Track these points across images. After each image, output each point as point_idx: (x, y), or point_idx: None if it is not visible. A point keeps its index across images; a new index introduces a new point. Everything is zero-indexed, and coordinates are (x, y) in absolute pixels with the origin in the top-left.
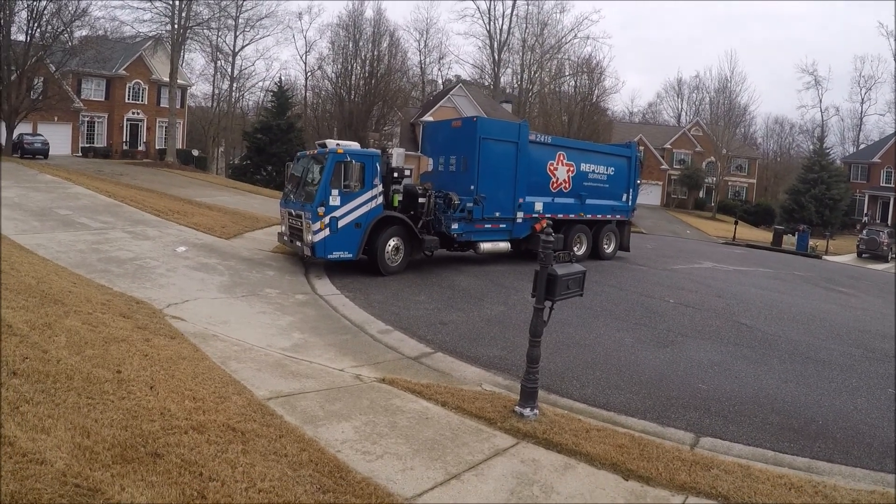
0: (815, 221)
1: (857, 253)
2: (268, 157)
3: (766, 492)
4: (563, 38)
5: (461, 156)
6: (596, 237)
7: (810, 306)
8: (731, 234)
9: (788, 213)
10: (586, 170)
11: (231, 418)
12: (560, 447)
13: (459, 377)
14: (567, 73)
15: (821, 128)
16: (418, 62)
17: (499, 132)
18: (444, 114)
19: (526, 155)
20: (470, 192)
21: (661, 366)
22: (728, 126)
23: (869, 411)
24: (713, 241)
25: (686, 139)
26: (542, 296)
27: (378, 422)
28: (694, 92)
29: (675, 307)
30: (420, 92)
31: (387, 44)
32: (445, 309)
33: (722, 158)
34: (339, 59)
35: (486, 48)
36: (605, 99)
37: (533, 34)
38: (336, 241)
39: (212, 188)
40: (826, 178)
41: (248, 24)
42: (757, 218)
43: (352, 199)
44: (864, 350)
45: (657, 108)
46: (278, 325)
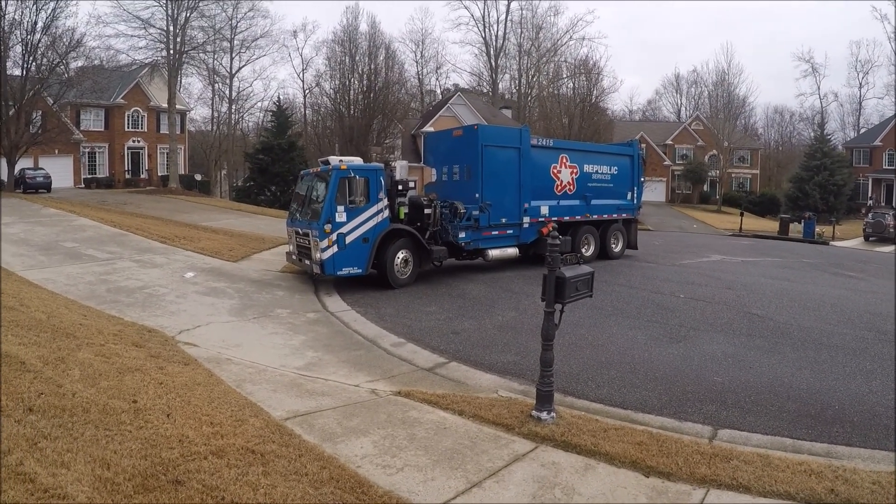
0: (820, 208)
1: (864, 237)
2: (271, 177)
3: (786, 480)
4: (558, 40)
5: (464, 164)
6: (603, 237)
7: (820, 293)
8: (738, 226)
9: (793, 201)
10: (590, 171)
11: (250, 441)
12: (579, 448)
13: (475, 385)
14: (565, 76)
15: (821, 114)
16: (416, 73)
17: (500, 139)
18: (444, 123)
19: (528, 160)
20: (475, 200)
21: (676, 361)
22: (728, 118)
23: (884, 393)
24: (720, 234)
25: (687, 134)
26: (551, 299)
27: (396, 435)
28: (692, 87)
29: (685, 302)
30: (419, 103)
31: (383, 57)
32: (457, 318)
33: (724, 151)
34: (337, 75)
35: (482, 55)
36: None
37: (528, 38)
38: (345, 258)
39: (216, 211)
40: (829, 164)
41: (243, 45)
42: (762, 208)
43: (358, 214)
44: (876, 333)
45: (656, 105)
46: (291, 344)
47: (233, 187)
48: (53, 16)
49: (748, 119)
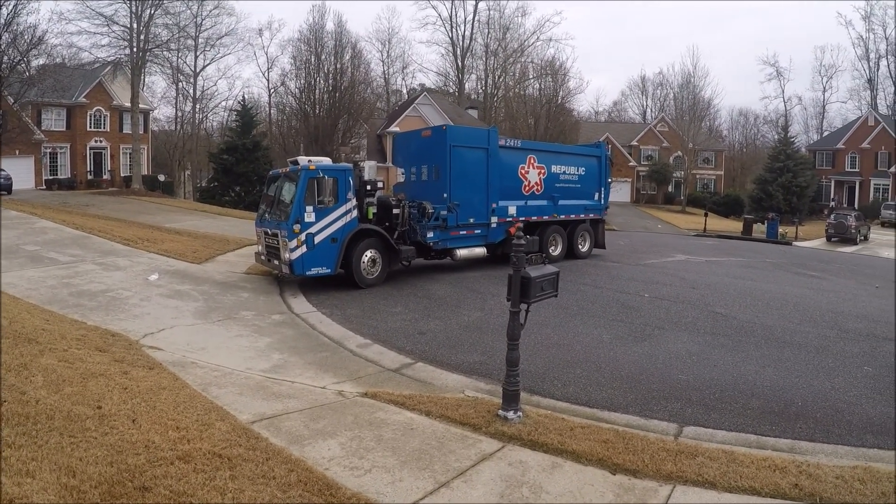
0: (783, 209)
1: (827, 237)
2: (235, 177)
3: (751, 475)
4: (525, 41)
5: (433, 165)
6: (571, 237)
7: (783, 292)
8: (702, 226)
9: (757, 202)
10: (557, 171)
11: (216, 445)
12: (546, 447)
13: (441, 385)
14: (531, 76)
15: (784, 117)
16: (382, 73)
17: (469, 139)
18: (409, 123)
19: (497, 160)
20: (443, 200)
21: (641, 360)
22: (693, 120)
23: (846, 390)
24: (684, 234)
25: (652, 135)
26: (516, 299)
27: (364, 436)
28: (658, 88)
29: (650, 301)
30: (385, 103)
31: (349, 56)
32: (423, 318)
33: (689, 152)
34: (302, 74)
35: (449, 55)
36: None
37: (495, 39)
38: (313, 258)
39: (180, 213)
40: (792, 166)
41: (207, 43)
42: (726, 209)
43: (326, 214)
44: (838, 331)
45: (622, 107)
46: (257, 347)
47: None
48: (14, 12)
49: (713, 121)
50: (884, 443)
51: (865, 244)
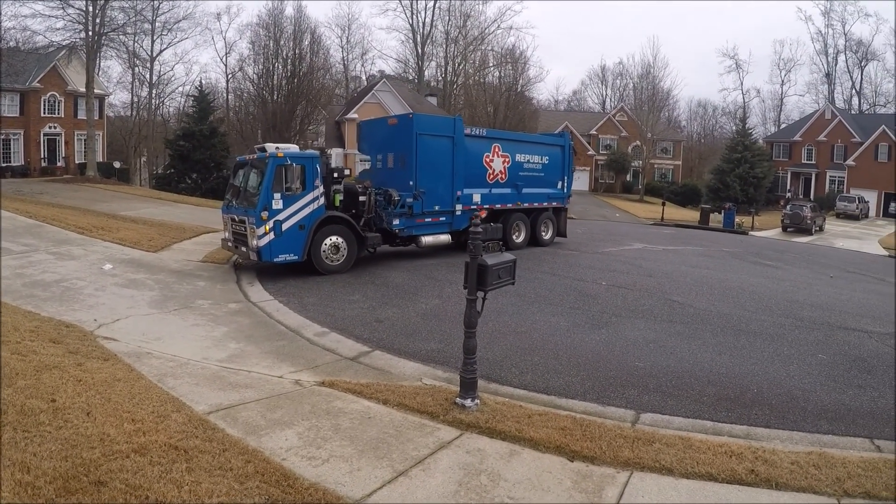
0: (740, 199)
1: (782, 227)
2: (192, 164)
3: (707, 461)
4: (486, 29)
5: (399, 152)
6: (534, 225)
7: (739, 280)
8: (660, 215)
9: (714, 192)
10: (521, 160)
11: (172, 437)
12: (504, 435)
13: (399, 374)
14: (491, 64)
15: (743, 109)
16: (341, 59)
17: (435, 127)
18: (368, 110)
19: (462, 148)
20: (409, 187)
21: (598, 347)
22: (652, 110)
23: (801, 377)
24: (642, 223)
25: (611, 125)
26: (473, 286)
27: (321, 426)
28: (618, 79)
29: (608, 289)
30: (344, 89)
31: (308, 41)
32: (380, 306)
33: (647, 142)
34: (261, 60)
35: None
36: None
37: (456, 26)
38: (281, 244)
39: (136, 200)
40: (749, 157)
41: (165, 27)
42: (684, 198)
43: (294, 201)
44: (793, 319)
45: (582, 96)
46: (213, 336)
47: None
48: None
49: (672, 112)
50: (838, 429)
51: (820, 234)
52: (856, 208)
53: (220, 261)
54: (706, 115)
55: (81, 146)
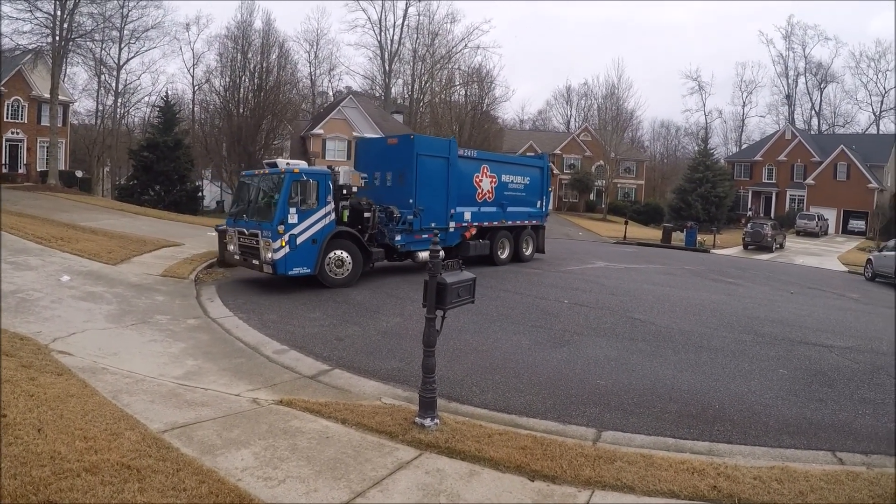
0: (702, 218)
1: (743, 245)
2: (155, 175)
3: (669, 478)
4: (453, 47)
5: (398, 171)
6: (517, 241)
7: (701, 298)
8: (622, 234)
9: (676, 211)
10: (507, 180)
11: (125, 456)
12: (464, 454)
13: (358, 393)
14: (458, 83)
15: (705, 130)
16: (309, 74)
17: (432, 148)
18: (334, 126)
19: (456, 168)
20: (409, 205)
21: (560, 365)
22: (616, 130)
23: (763, 392)
24: (605, 242)
25: (575, 144)
26: (432, 305)
27: (278, 445)
28: (582, 99)
29: (570, 307)
30: (311, 104)
31: (276, 55)
32: (341, 324)
33: (610, 162)
34: (228, 72)
35: (377, 59)
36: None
37: (424, 44)
38: (295, 258)
39: (97, 211)
40: (711, 176)
41: (133, 35)
42: (646, 217)
43: (308, 216)
44: (753, 335)
45: (547, 115)
46: (170, 352)
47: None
48: None
49: (635, 132)
50: (800, 443)
51: (781, 252)
52: (815, 226)
53: (180, 275)
54: (669, 135)
55: (44, 153)
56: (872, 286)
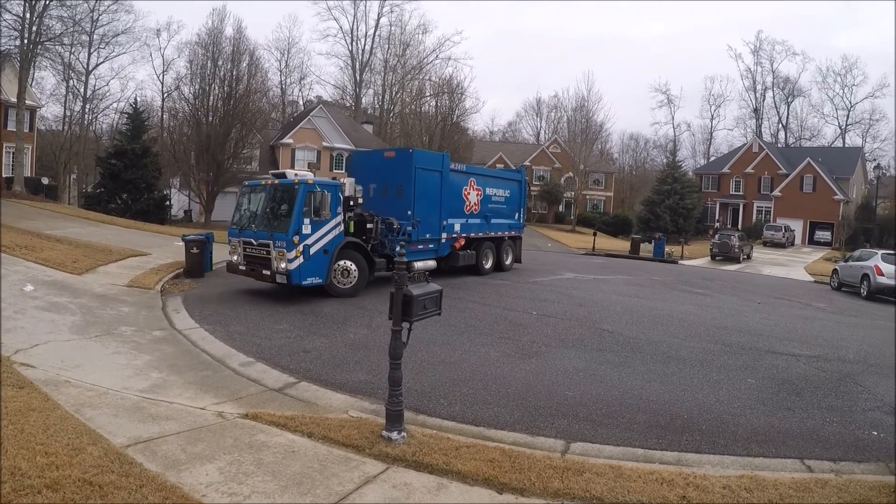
0: (670, 229)
1: (711, 256)
2: (122, 184)
3: (638, 489)
4: (424, 58)
5: (396, 183)
6: (498, 251)
7: (669, 308)
8: (591, 245)
9: (645, 222)
10: (490, 193)
11: (87, 471)
12: (431, 468)
13: (325, 405)
14: (428, 94)
15: (673, 142)
16: (279, 83)
17: (428, 162)
18: (304, 135)
19: (448, 182)
20: (407, 216)
21: (528, 377)
22: (585, 143)
23: (731, 402)
24: (574, 253)
25: (545, 156)
26: (398, 317)
27: (243, 460)
28: (552, 111)
29: (538, 318)
30: (280, 113)
31: (246, 63)
32: (308, 336)
33: (579, 174)
34: (198, 80)
35: (348, 69)
36: (466, 118)
37: (395, 55)
38: (309, 268)
39: (63, 219)
40: (679, 188)
41: (103, 40)
42: (615, 228)
43: (320, 227)
44: (721, 345)
45: (517, 127)
46: (135, 365)
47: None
48: None
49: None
50: (768, 451)
51: (748, 262)
52: (782, 237)
53: (146, 286)
54: (638, 147)
55: (9, 159)
56: (838, 295)
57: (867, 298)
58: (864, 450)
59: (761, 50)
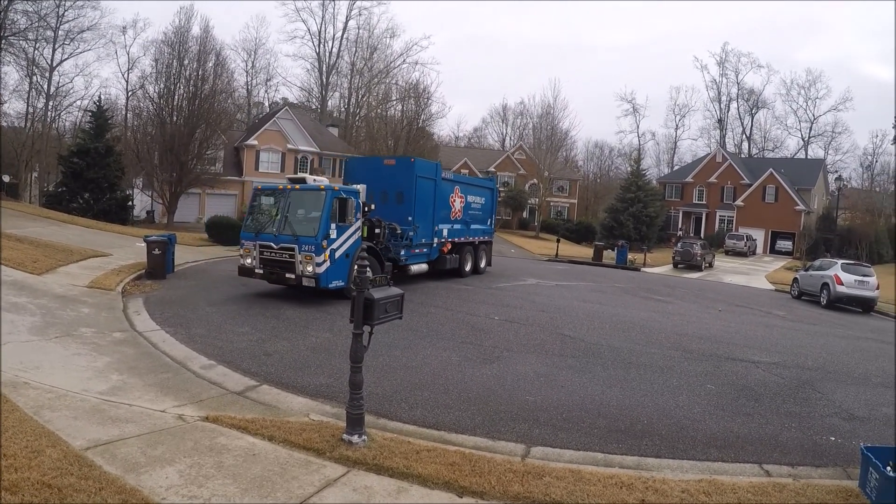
0: (633, 237)
1: (673, 264)
2: (84, 183)
3: (598, 493)
4: (392, 62)
5: (397, 190)
6: (475, 255)
7: (630, 315)
8: (555, 252)
9: (608, 230)
10: (471, 200)
11: (46, 474)
12: (392, 471)
13: (286, 409)
14: (394, 98)
15: (638, 151)
16: (245, 84)
17: (426, 171)
18: (268, 137)
19: (440, 189)
20: (408, 222)
21: (489, 381)
22: (550, 150)
23: (690, 407)
24: (537, 259)
25: (510, 162)
26: (359, 321)
27: (204, 463)
28: (518, 118)
29: (500, 324)
30: (246, 115)
31: (213, 63)
32: (270, 339)
33: (544, 180)
34: (163, 78)
35: (314, 71)
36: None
37: (362, 58)
38: (334, 272)
39: (23, 218)
40: (643, 196)
41: (68, 36)
42: (579, 235)
43: (343, 231)
44: (682, 352)
45: (483, 133)
46: (95, 367)
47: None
48: None
49: (569, 151)
50: (727, 456)
51: (710, 271)
52: (744, 246)
53: (106, 287)
54: (602, 155)
55: None
56: (798, 304)
57: (827, 307)
58: (821, 455)
59: (727, 61)
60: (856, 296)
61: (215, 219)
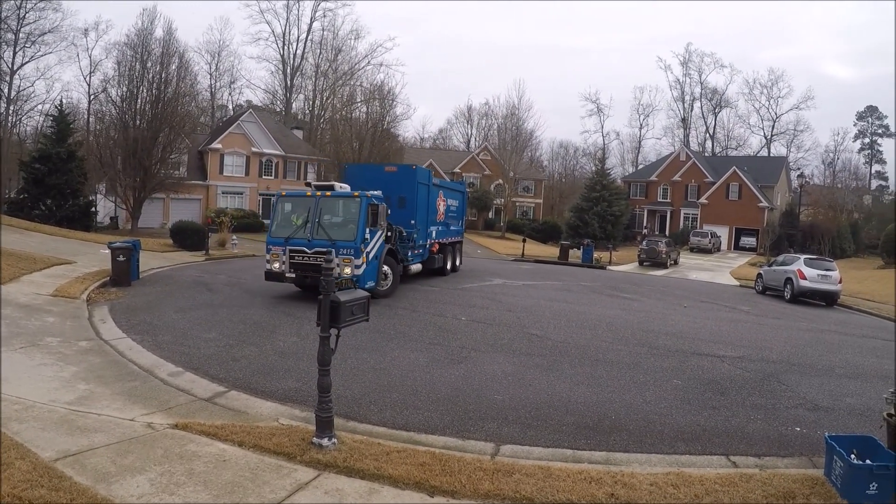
0: (598, 235)
1: (639, 262)
2: (47, 189)
3: (567, 488)
4: (356, 64)
5: (399, 196)
6: (453, 254)
7: (596, 313)
8: (521, 252)
9: (574, 229)
10: (450, 204)
11: (16, 487)
12: (362, 473)
13: (255, 414)
14: (359, 100)
15: (602, 150)
16: (209, 86)
17: (423, 177)
18: (233, 140)
19: (432, 194)
20: (412, 226)
21: (457, 382)
22: (515, 150)
23: (657, 402)
24: (503, 259)
25: (475, 163)
26: (326, 323)
27: (174, 470)
28: (483, 118)
29: (467, 324)
30: (210, 117)
31: (176, 66)
32: (238, 345)
33: (509, 181)
34: (125, 82)
35: (279, 73)
36: (397, 125)
37: (327, 60)
38: (368, 274)
39: None
40: (608, 195)
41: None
42: (544, 235)
43: (374, 235)
44: (648, 348)
45: (448, 134)
46: (61, 376)
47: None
48: None
49: (534, 152)
50: (694, 449)
51: (675, 268)
52: (708, 242)
53: (71, 295)
54: (567, 155)
55: None
56: (762, 299)
57: (790, 301)
58: (787, 445)
59: (690, 62)
60: (819, 290)
61: (180, 224)
